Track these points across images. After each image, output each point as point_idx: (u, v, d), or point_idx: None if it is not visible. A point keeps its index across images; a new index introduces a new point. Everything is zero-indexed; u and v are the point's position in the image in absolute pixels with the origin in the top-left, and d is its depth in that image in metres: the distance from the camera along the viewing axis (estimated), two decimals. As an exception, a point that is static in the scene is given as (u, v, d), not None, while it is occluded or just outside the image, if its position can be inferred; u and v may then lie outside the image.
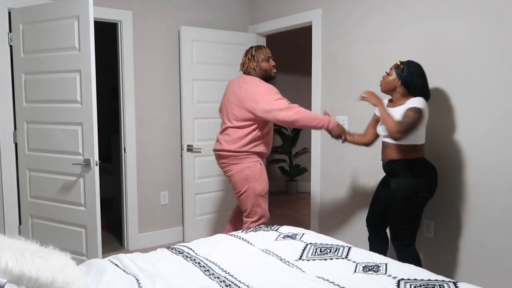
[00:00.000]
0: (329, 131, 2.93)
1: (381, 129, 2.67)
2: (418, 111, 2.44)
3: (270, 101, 2.92)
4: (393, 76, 2.58)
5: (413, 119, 2.42)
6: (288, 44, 6.04)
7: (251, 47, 3.18)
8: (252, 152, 3.09)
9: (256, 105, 2.94)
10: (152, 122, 3.97)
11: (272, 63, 3.13)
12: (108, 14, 3.65)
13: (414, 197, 2.53)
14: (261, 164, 3.11)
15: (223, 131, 3.16)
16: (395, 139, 2.47)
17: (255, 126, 3.03)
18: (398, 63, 2.59)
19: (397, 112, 2.53)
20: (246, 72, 3.15)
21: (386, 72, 2.69)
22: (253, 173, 3.06)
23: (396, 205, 2.56)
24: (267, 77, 3.12)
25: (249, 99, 2.97)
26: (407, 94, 2.57)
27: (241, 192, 3.09)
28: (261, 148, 3.12)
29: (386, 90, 2.66)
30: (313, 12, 3.73)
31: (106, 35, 4.56)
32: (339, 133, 2.91)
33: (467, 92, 2.71)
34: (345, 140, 2.93)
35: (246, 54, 3.16)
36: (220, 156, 3.14)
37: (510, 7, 2.48)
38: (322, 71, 3.70)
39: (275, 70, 3.15)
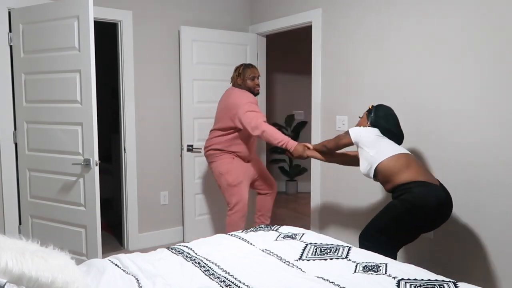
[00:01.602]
0: (289, 150, 3.20)
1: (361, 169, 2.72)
2: (345, 133, 2.72)
3: (243, 112, 3.32)
4: (364, 117, 2.81)
5: (338, 137, 2.75)
6: (288, 44, 6.04)
7: (241, 65, 3.56)
8: (227, 151, 3.50)
9: (235, 114, 3.35)
10: (152, 122, 3.97)
11: (257, 82, 3.51)
12: (108, 14, 3.65)
13: (402, 213, 2.40)
14: (234, 159, 3.50)
15: (210, 132, 3.64)
16: (324, 147, 2.87)
17: (236, 133, 3.45)
18: (370, 107, 2.79)
19: None
20: (235, 85, 3.55)
21: (359, 117, 2.96)
22: (225, 168, 3.48)
23: (387, 208, 2.49)
24: (251, 92, 3.50)
25: (232, 108, 3.38)
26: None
27: (219, 187, 3.56)
28: (238, 148, 3.50)
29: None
30: (313, 12, 3.73)
31: (106, 35, 4.55)
32: (299, 153, 3.13)
33: (466, 92, 2.71)
34: (307, 157, 3.12)
35: (235, 70, 3.56)
36: (205, 155, 3.63)
37: (509, 8, 2.48)
38: (322, 71, 3.70)
39: (258, 88, 3.54)
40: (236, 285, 1.68)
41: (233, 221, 3.52)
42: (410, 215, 2.38)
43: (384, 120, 2.69)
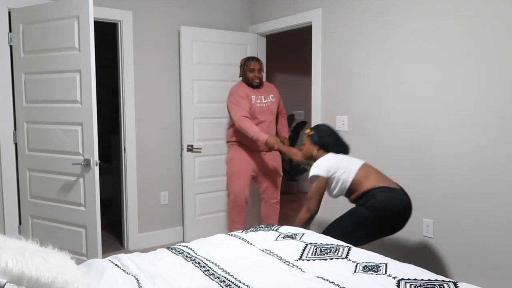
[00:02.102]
0: (261, 142, 3.47)
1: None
2: (313, 179, 2.68)
3: (229, 103, 3.67)
4: (308, 144, 2.89)
5: (311, 191, 2.68)
6: (288, 44, 6.04)
7: (245, 58, 3.79)
8: (234, 142, 3.76)
9: (226, 105, 3.73)
10: (152, 122, 3.97)
11: (256, 74, 3.69)
12: (108, 14, 3.65)
13: (367, 219, 2.53)
14: (237, 150, 3.74)
15: None
16: (311, 217, 2.71)
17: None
18: (308, 131, 2.90)
19: None
20: (240, 77, 3.82)
21: (301, 146, 2.97)
22: (228, 158, 3.83)
23: (351, 212, 2.63)
24: (250, 84, 3.71)
25: (227, 100, 3.72)
26: (326, 152, 2.83)
27: None
28: (241, 138, 3.70)
29: (307, 159, 2.94)
30: (313, 12, 3.73)
31: (106, 35, 4.55)
32: (271, 145, 3.38)
33: (464, 92, 2.71)
34: (277, 149, 3.34)
35: (240, 64, 3.81)
36: None
37: (508, 9, 2.48)
38: (322, 71, 3.70)
39: (257, 81, 3.70)
40: (236, 285, 1.68)
41: (228, 208, 3.88)
42: (376, 221, 2.52)
43: (330, 138, 2.83)
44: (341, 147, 2.83)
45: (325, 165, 2.68)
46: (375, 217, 2.51)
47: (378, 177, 2.64)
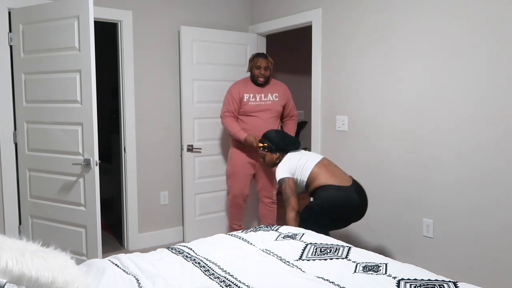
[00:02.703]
0: (240, 140, 3.62)
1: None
2: (281, 182, 2.89)
3: (224, 99, 3.81)
4: (268, 154, 3.14)
5: (284, 192, 2.87)
6: (288, 44, 6.04)
7: (255, 53, 3.82)
8: (234, 141, 3.79)
9: None
10: (152, 122, 3.97)
11: (262, 71, 3.69)
12: (108, 14, 3.65)
13: (318, 212, 2.82)
14: (235, 148, 3.79)
15: None
16: (297, 213, 2.88)
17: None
18: (260, 145, 3.16)
19: None
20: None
21: (262, 158, 3.22)
22: (228, 158, 3.90)
23: (307, 207, 2.94)
24: (255, 82, 3.75)
25: None
26: (285, 153, 3.08)
27: None
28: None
29: (273, 165, 3.15)
30: (313, 12, 3.73)
31: (106, 35, 4.55)
32: (250, 143, 3.53)
33: (464, 92, 2.71)
34: (256, 146, 3.45)
35: (249, 59, 3.83)
36: None
37: (507, 9, 2.48)
38: (322, 71, 3.70)
39: (261, 79, 3.71)
40: (236, 285, 1.68)
41: (227, 206, 4.00)
42: (324, 215, 2.80)
43: (283, 141, 3.10)
44: (294, 144, 3.11)
45: (285, 166, 2.93)
46: (322, 213, 2.80)
47: (330, 175, 2.85)
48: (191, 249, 2.10)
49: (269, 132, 3.17)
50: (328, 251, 2.05)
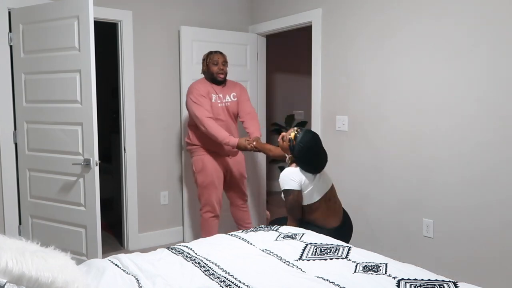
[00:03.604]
0: (232, 146, 3.27)
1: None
2: (289, 193, 2.64)
3: (189, 102, 3.38)
4: (286, 146, 2.72)
5: (289, 203, 2.64)
6: (288, 44, 6.04)
7: (207, 52, 3.51)
8: (199, 146, 3.47)
9: (186, 104, 3.46)
10: (152, 122, 3.97)
11: (221, 67, 3.42)
12: (108, 14, 3.65)
13: None
14: (204, 155, 3.46)
15: None
16: (299, 222, 2.69)
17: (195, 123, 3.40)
18: (293, 135, 2.66)
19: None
20: (202, 73, 3.55)
21: (281, 139, 2.77)
22: (197, 167, 3.50)
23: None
24: (213, 79, 3.45)
25: (186, 98, 3.45)
26: (297, 164, 2.69)
27: (195, 183, 3.58)
28: (206, 143, 3.42)
29: (279, 157, 2.96)
30: (313, 12, 3.73)
31: (106, 35, 4.55)
32: (243, 147, 3.23)
33: (464, 92, 2.71)
34: (251, 149, 3.22)
35: (202, 58, 3.53)
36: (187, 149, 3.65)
37: (507, 9, 2.48)
38: (322, 71, 3.70)
39: (221, 75, 3.44)
40: (236, 285, 1.68)
41: (203, 220, 3.55)
42: None
43: (305, 157, 2.64)
44: (309, 168, 2.67)
45: (296, 179, 2.63)
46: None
47: (325, 214, 2.68)
48: (191, 249, 2.10)
49: (309, 140, 2.64)
50: (328, 251, 2.05)
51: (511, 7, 2.48)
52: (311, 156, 2.66)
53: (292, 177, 2.64)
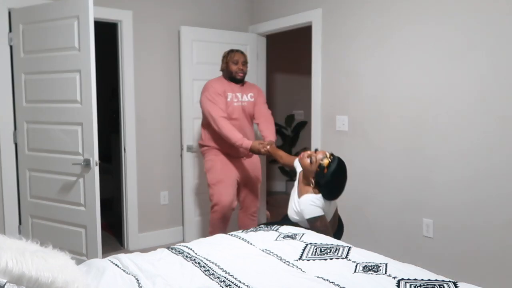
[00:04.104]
0: (245, 149, 3.19)
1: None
2: (316, 220, 2.49)
3: (204, 99, 3.31)
4: (312, 170, 2.53)
5: (320, 229, 2.45)
6: (288, 44, 6.04)
7: (228, 49, 3.48)
8: (212, 147, 3.41)
9: (200, 102, 3.38)
10: (152, 122, 3.97)
11: (241, 67, 3.37)
12: (108, 14, 3.65)
13: None
14: (217, 156, 3.39)
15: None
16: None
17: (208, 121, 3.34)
18: (326, 162, 2.47)
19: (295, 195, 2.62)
20: (221, 71, 3.50)
21: (310, 161, 2.55)
22: (208, 166, 3.45)
23: None
24: (232, 78, 3.41)
25: (201, 95, 3.38)
26: (318, 190, 2.53)
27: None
28: (220, 144, 3.35)
29: (305, 182, 2.61)
30: (313, 12, 3.73)
31: (106, 35, 4.55)
32: (257, 150, 3.16)
33: (464, 92, 2.71)
34: (265, 153, 3.15)
35: (222, 56, 3.49)
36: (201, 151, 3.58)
37: (506, 9, 2.48)
38: (322, 71, 3.70)
39: (241, 74, 3.39)
40: (236, 285, 1.68)
41: (212, 220, 3.42)
42: None
43: (329, 185, 2.50)
44: (330, 197, 2.55)
45: (319, 203, 2.52)
46: None
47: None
48: (191, 249, 2.10)
49: (344, 168, 2.52)
50: (328, 251, 2.05)
51: (510, 7, 2.48)
52: (338, 187, 2.54)
53: (317, 202, 2.51)
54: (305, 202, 2.52)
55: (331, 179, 2.47)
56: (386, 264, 1.88)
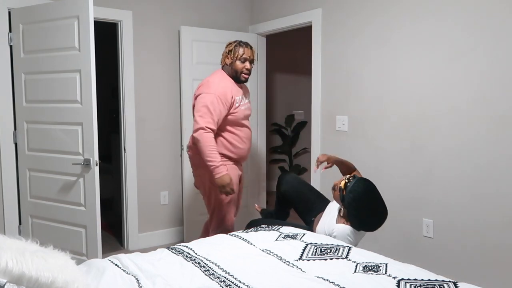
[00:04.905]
0: (215, 174, 2.71)
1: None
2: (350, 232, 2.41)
3: (202, 101, 2.75)
4: (337, 197, 2.46)
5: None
6: (288, 44, 6.04)
7: (234, 41, 2.94)
8: (223, 156, 2.88)
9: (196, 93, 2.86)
10: (152, 122, 3.97)
11: (247, 66, 2.89)
12: (108, 14, 3.65)
13: None
14: (226, 165, 2.83)
15: None
16: None
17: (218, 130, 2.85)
18: (343, 186, 2.31)
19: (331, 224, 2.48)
20: (223, 67, 2.97)
21: (332, 189, 2.48)
22: (224, 179, 2.78)
23: None
24: (236, 78, 2.93)
25: (197, 94, 2.85)
26: (347, 221, 2.43)
27: (205, 196, 3.02)
28: (229, 149, 2.90)
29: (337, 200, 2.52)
30: (313, 12, 3.73)
31: (106, 35, 4.55)
32: (223, 183, 2.71)
33: (463, 92, 2.71)
34: (229, 191, 2.77)
35: (226, 46, 2.95)
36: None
37: (506, 9, 2.48)
38: (322, 71, 3.70)
39: (245, 76, 2.92)
40: (236, 285, 1.68)
41: (213, 233, 2.95)
42: None
43: (355, 208, 2.34)
44: (361, 226, 2.37)
45: (353, 242, 2.43)
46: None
47: None
48: (191, 249, 2.10)
49: (367, 186, 2.32)
50: (328, 251, 2.05)
51: (511, 6, 2.48)
52: (364, 210, 2.30)
53: (350, 238, 2.36)
54: (342, 232, 2.36)
55: (351, 199, 2.30)
56: (386, 264, 1.88)
